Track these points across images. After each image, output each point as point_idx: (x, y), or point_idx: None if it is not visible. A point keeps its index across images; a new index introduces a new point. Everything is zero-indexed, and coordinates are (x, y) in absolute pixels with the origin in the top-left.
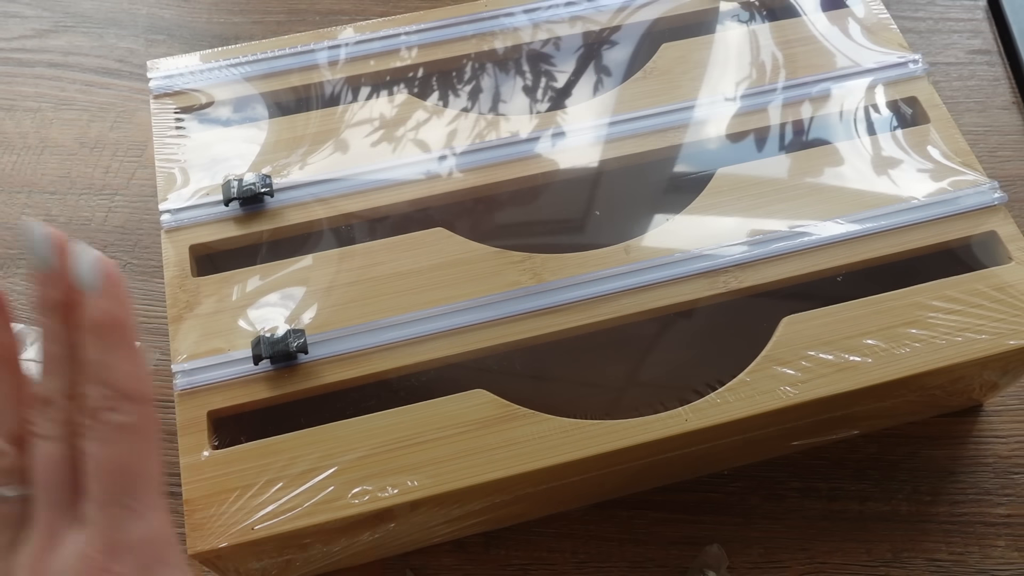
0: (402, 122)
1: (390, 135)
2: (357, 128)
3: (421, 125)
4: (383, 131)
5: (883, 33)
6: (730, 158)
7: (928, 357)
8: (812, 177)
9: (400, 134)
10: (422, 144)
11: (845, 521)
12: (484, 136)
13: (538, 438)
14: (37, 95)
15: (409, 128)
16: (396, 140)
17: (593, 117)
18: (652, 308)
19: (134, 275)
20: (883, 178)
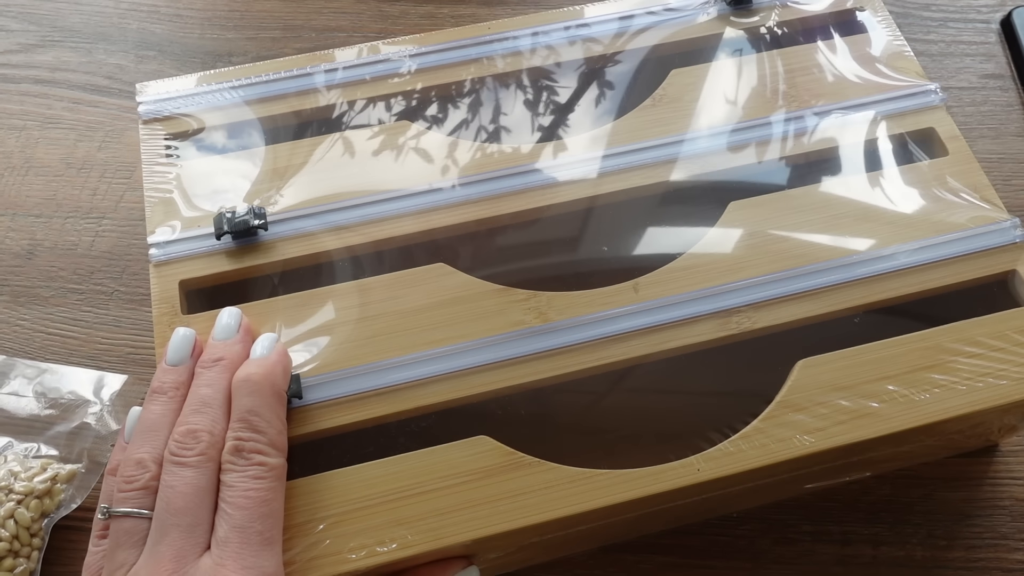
0: (401, 150)
1: (389, 164)
2: (353, 156)
3: (420, 155)
4: (381, 159)
5: (899, 61)
6: (744, 189)
7: (949, 403)
8: (827, 212)
9: (399, 162)
10: (423, 173)
11: (858, 566)
12: (487, 165)
13: (544, 488)
14: (22, 112)
15: (409, 156)
16: (395, 169)
17: (600, 146)
18: (662, 350)
19: (121, 303)
20: (900, 213)
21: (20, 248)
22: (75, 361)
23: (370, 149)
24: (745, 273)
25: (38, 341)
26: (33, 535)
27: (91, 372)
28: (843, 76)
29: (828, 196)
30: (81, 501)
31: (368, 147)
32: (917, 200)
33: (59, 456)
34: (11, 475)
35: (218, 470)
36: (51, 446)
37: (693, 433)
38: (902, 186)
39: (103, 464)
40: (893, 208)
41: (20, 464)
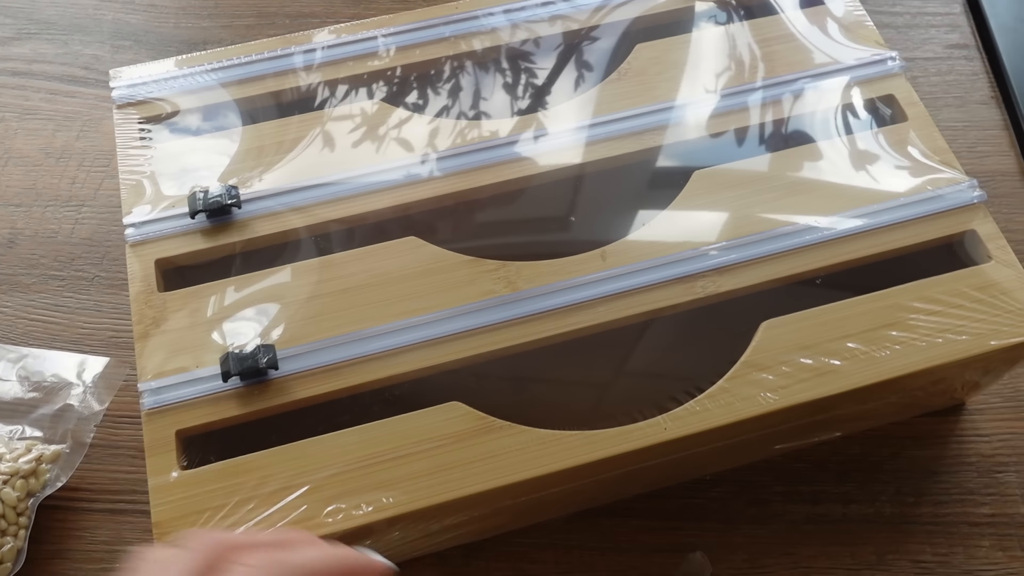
0: (374, 127)
1: (362, 141)
2: (328, 135)
3: (393, 130)
4: (355, 137)
5: (860, 31)
6: (707, 159)
7: (909, 359)
8: (790, 177)
9: (372, 139)
10: (395, 149)
11: (829, 524)
12: (459, 140)
13: (516, 450)
14: (0, 105)
15: (382, 133)
16: (369, 146)
17: (568, 120)
18: (629, 315)
19: (103, 288)
20: (861, 177)
21: (1, 237)
22: (58, 346)
23: (344, 128)
24: (709, 239)
25: (20, 327)
26: (19, 514)
27: (73, 355)
28: (805, 46)
29: (790, 163)
30: (66, 480)
31: (342, 126)
32: (877, 164)
33: (43, 437)
34: None
35: None
36: (35, 428)
37: (660, 395)
38: (863, 151)
39: (87, 444)
40: (854, 173)
41: (5, 445)
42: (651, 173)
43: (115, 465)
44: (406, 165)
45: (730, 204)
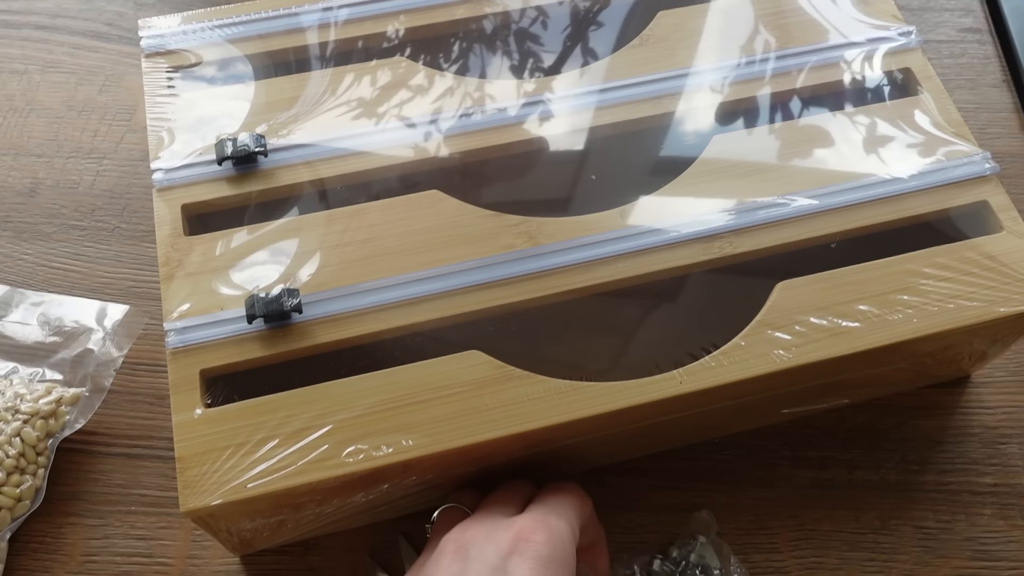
0: (397, 86)
1: (384, 99)
2: (351, 91)
3: (415, 89)
4: (377, 94)
5: (878, 4)
6: (727, 125)
7: (920, 323)
8: (807, 146)
9: (394, 98)
10: (417, 108)
11: (834, 489)
12: (479, 101)
13: (533, 399)
14: (24, 57)
15: (404, 92)
16: (390, 104)
17: (588, 83)
18: (647, 272)
19: (123, 239)
20: (877, 148)
21: (23, 186)
22: (77, 293)
23: (368, 83)
24: (727, 201)
25: (41, 274)
26: (39, 453)
27: (93, 302)
28: (824, 19)
29: (808, 130)
30: (84, 423)
31: (366, 81)
32: (893, 134)
33: (63, 380)
34: (17, 397)
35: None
36: (55, 371)
37: (677, 350)
38: (879, 121)
39: (106, 388)
40: (870, 142)
41: (26, 387)
42: (670, 137)
43: (133, 411)
44: (431, 121)
45: (748, 168)
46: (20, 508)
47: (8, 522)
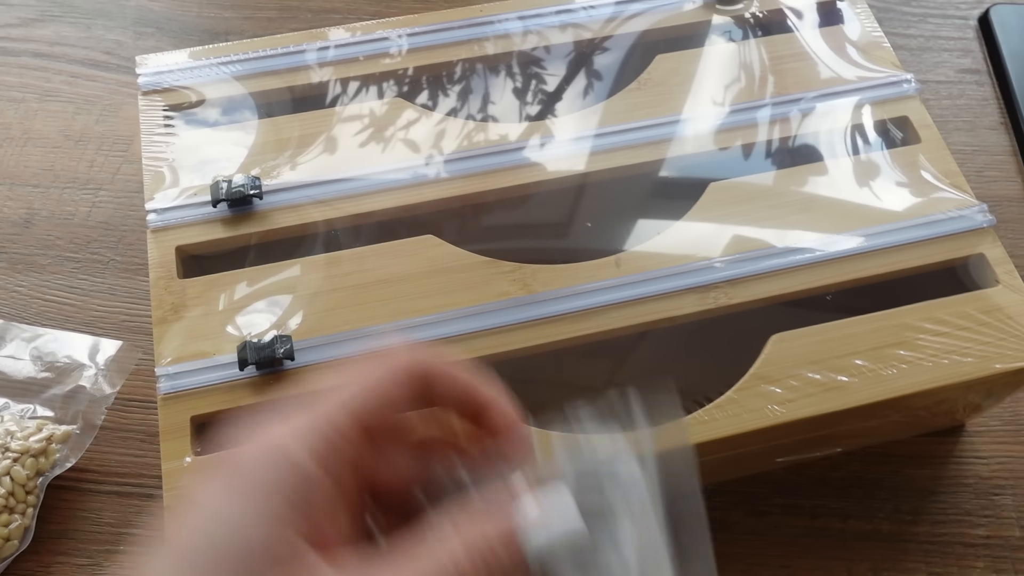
0: (392, 125)
1: (380, 138)
2: (347, 130)
3: (411, 128)
4: (373, 134)
5: (876, 51)
6: (722, 172)
7: (915, 379)
8: (803, 194)
9: (390, 137)
10: (413, 148)
11: (827, 539)
12: (475, 142)
13: None
14: (21, 85)
15: (399, 131)
16: (386, 143)
17: (585, 128)
18: (641, 322)
19: (117, 272)
20: (873, 197)
21: (18, 217)
22: (71, 327)
23: (363, 126)
24: (723, 251)
25: (35, 307)
26: (28, 492)
27: (86, 337)
28: (822, 65)
29: (804, 179)
30: (75, 461)
31: (362, 124)
32: (890, 185)
33: (54, 417)
34: (7, 434)
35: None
36: (47, 407)
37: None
38: (876, 171)
39: (97, 426)
40: (866, 192)
41: (16, 424)
42: (667, 183)
43: (124, 448)
44: (425, 164)
45: (744, 217)
46: (8, 548)
47: None
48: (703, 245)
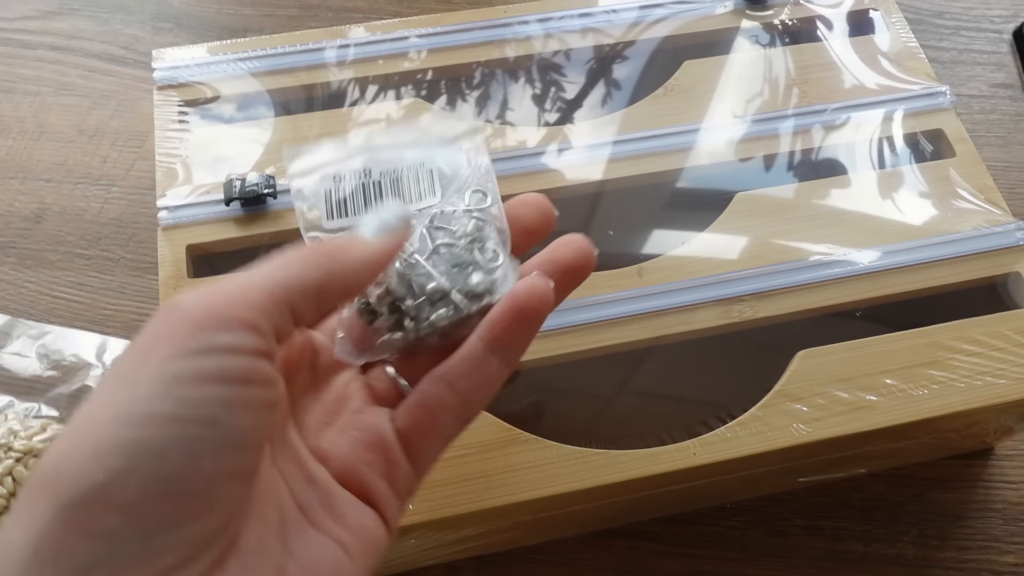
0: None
1: None
2: (363, 130)
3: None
4: None
5: (910, 62)
6: (750, 182)
7: (947, 400)
8: (834, 206)
9: None
10: None
11: (849, 562)
12: (494, 146)
13: (540, 465)
14: (37, 78)
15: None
16: None
17: (610, 134)
18: (664, 334)
19: (128, 270)
20: (905, 211)
21: (29, 211)
22: (79, 325)
23: (379, 123)
24: (749, 263)
25: (43, 304)
26: None
27: (94, 336)
28: (854, 74)
29: (835, 191)
30: None
31: (377, 121)
32: (923, 199)
33: (59, 417)
34: (11, 433)
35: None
36: (51, 407)
37: (691, 418)
38: (908, 185)
39: None
40: (899, 206)
41: (20, 423)
42: (691, 192)
43: None
44: None
45: (772, 229)
46: None
47: None
48: (728, 256)
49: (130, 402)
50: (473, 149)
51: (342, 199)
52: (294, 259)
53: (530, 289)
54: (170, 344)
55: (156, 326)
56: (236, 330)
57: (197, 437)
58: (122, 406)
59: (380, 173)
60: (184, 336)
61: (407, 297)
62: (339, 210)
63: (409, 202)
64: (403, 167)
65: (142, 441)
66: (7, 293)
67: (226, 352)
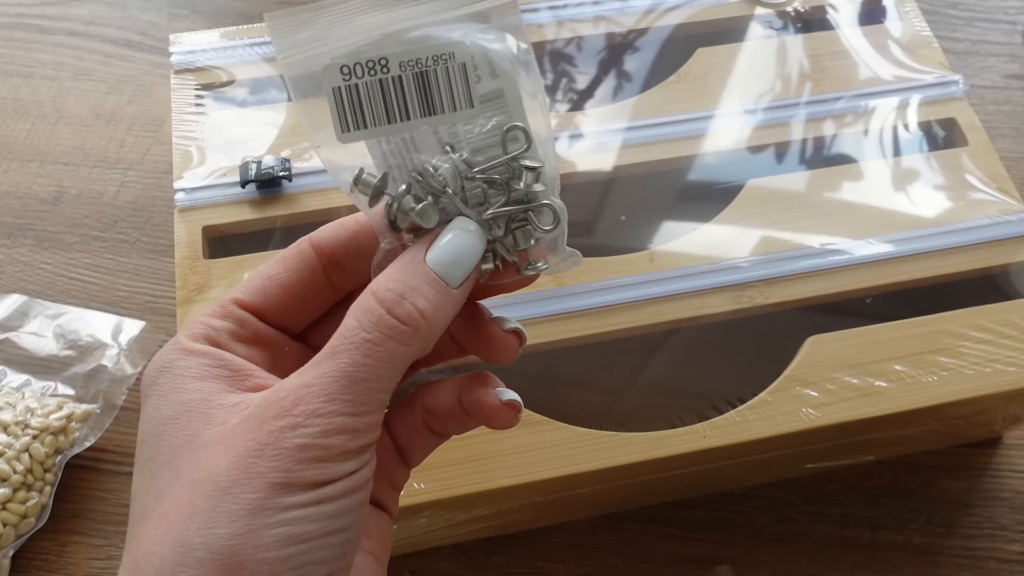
0: None
1: None
2: None
3: None
4: None
5: (924, 51)
6: (761, 169)
7: (955, 387)
8: (843, 194)
9: None
10: None
11: (857, 549)
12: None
13: (551, 446)
14: (55, 63)
15: None
16: None
17: (623, 120)
18: (674, 319)
19: (143, 252)
20: (917, 200)
21: (47, 194)
22: (95, 306)
23: None
24: (760, 249)
25: (60, 285)
26: (47, 470)
27: (110, 316)
28: (867, 63)
29: (846, 180)
30: (94, 441)
31: None
32: (934, 188)
33: (75, 396)
34: (28, 411)
35: None
36: (68, 386)
37: (701, 402)
38: (921, 173)
39: (117, 407)
40: (910, 195)
41: (37, 401)
42: (703, 179)
43: None
44: None
45: (782, 216)
46: (25, 525)
47: (12, 539)
48: (739, 243)
49: (288, 522)
50: (506, 21)
51: (357, 104)
52: (397, 359)
53: (502, 418)
54: (312, 474)
55: (279, 453)
56: (362, 455)
57: (346, 539)
58: (280, 527)
59: (399, 65)
60: (318, 471)
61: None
62: (355, 119)
63: (440, 112)
64: (427, 56)
65: (306, 554)
66: (25, 274)
67: (358, 472)
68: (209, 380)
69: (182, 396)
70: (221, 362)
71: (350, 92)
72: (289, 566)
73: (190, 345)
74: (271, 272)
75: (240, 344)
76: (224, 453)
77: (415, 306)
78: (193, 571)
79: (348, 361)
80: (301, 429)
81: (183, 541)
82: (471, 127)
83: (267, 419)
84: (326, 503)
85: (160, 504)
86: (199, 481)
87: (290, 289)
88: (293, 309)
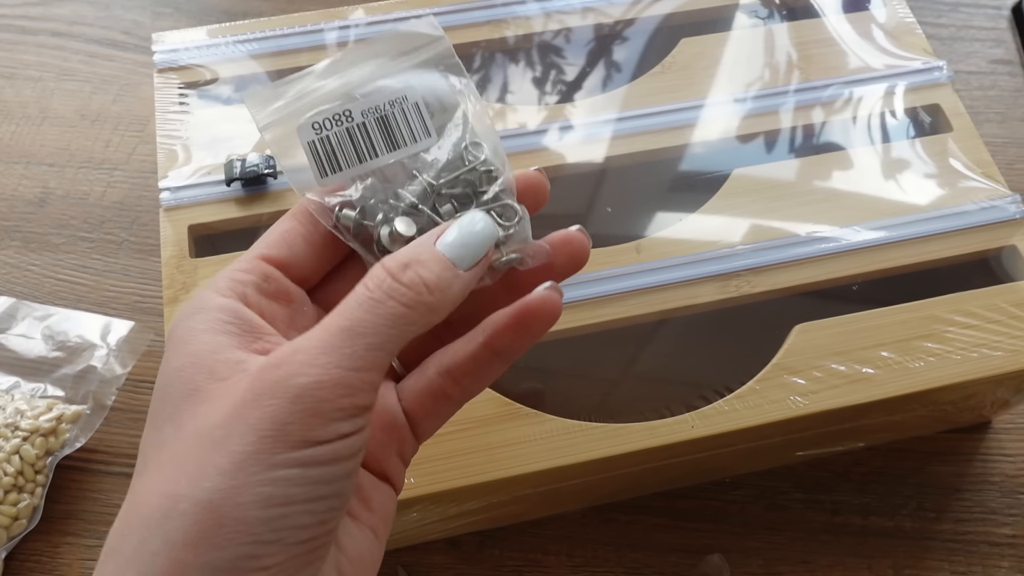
0: None
1: None
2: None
3: None
4: None
5: (907, 37)
6: (747, 159)
7: (942, 372)
8: (830, 182)
9: None
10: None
11: (847, 535)
12: (497, 126)
13: (540, 439)
14: (39, 64)
15: None
16: None
17: (608, 111)
18: (661, 310)
19: (131, 252)
20: (903, 186)
21: (33, 195)
22: (83, 307)
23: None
24: (746, 238)
25: (47, 286)
26: (37, 472)
27: (98, 317)
28: (852, 50)
29: (830, 167)
30: (84, 442)
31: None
32: (920, 174)
33: (65, 397)
34: (17, 413)
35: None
36: (57, 387)
37: (690, 392)
38: (906, 160)
39: (107, 407)
40: (895, 180)
41: (27, 403)
42: (689, 169)
43: (134, 430)
44: None
45: (768, 205)
46: (17, 527)
47: (4, 541)
48: (726, 232)
49: (271, 482)
50: (444, 63)
51: (331, 151)
52: (397, 320)
53: (543, 301)
54: (301, 429)
55: (272, 403)
56: (355, 418)
57: (328, 507)
58: (263, 487)
59: (361, 113)
60: (309, 427)
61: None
62: (331, 164)
63: (403, 146)
64: (383, 102)
65: (286, 518)
66: (12, 276)
67: (348, 436)
68: (221, 334)
69: (191, 347)
70: (237, 318)
71: (323, 143)
72: (268, 528)
73: (211, 298)
74: (287, 226)
75: (264, 299)
76: (221, 406)
77: (418, 274)
78: (176, 522)
79: (348, 316)
80: (296, 378)
81: (172, 493)
82: (432, 154)
83: (265, 369)
84: (313, 467)
85: (159, 455)
86: (195, 434)
87: (309, 238)
88: (314, 259)
